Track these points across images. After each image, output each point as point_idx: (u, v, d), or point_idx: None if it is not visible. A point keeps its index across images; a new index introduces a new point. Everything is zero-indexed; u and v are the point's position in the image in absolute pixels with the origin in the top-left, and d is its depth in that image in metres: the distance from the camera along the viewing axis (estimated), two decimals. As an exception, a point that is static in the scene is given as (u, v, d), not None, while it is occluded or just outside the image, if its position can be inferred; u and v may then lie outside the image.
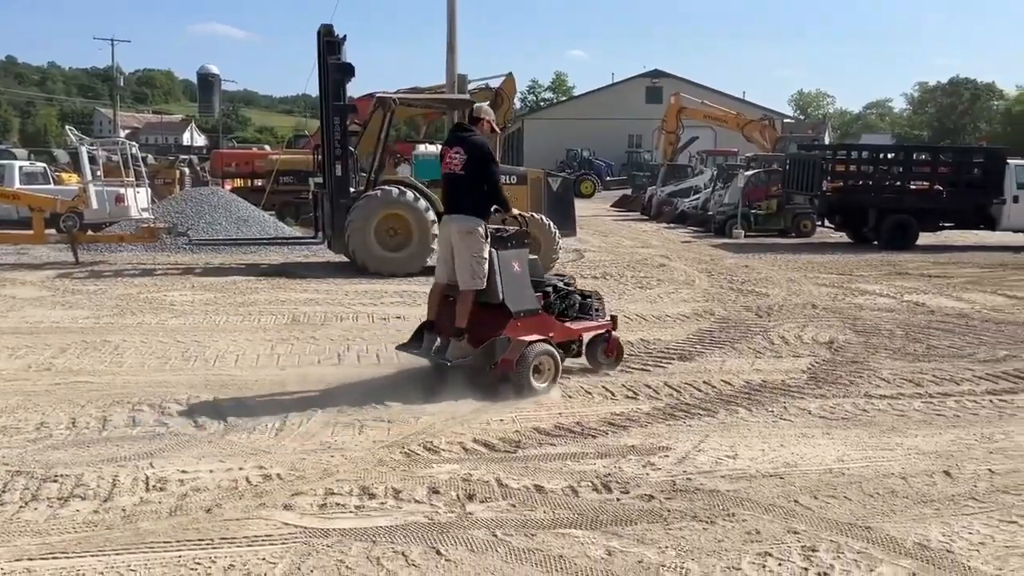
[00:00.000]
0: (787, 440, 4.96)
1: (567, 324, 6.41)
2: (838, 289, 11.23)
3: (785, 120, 47.53)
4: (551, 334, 6.09)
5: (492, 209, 6.23)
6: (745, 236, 18.94)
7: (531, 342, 5.81)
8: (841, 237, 18.86)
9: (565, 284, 6.70)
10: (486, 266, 5.98)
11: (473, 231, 5.97)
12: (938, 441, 4.99)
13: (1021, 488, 4.21)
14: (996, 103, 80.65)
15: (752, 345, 7.67)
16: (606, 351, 6.60)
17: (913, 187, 17.92)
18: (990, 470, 4.47)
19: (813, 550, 3.49)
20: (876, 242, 17.22)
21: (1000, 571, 3.32)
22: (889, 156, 19.56)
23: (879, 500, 4.05)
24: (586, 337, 6.56)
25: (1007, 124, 72.88)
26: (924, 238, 17.48)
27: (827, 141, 33.70)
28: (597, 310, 6.70)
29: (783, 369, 6.76)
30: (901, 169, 18.31)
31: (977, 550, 3.51)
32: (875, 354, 7.35)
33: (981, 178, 17.69)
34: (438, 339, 6.14)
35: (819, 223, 19.53)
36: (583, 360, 6.61)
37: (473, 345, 5.90)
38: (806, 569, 3.32)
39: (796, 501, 4.03)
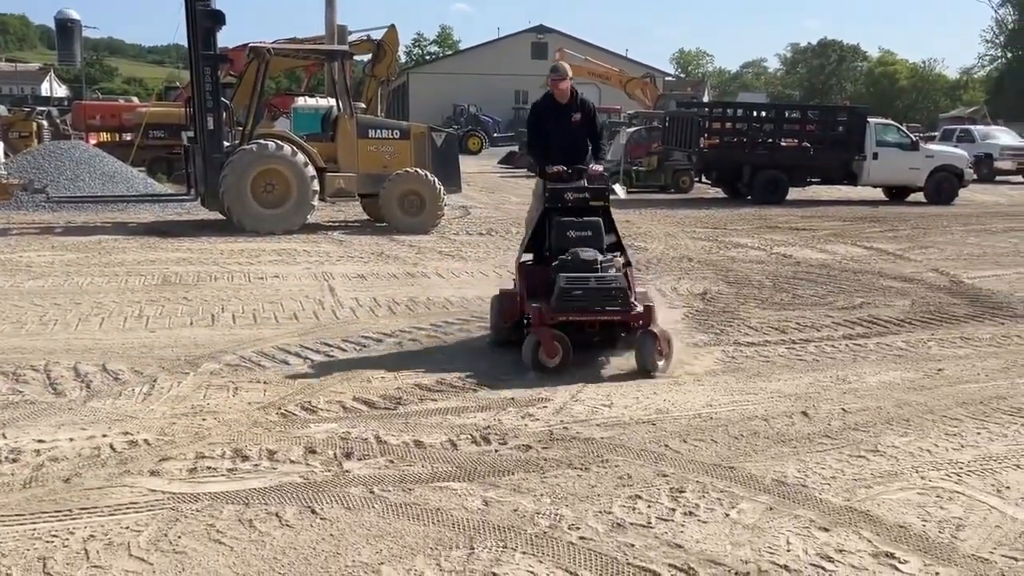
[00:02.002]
0: (660, 388, 5.14)
1: None
2: (713, 243, 11.66)
3: (666, 78, 48.53)
4: None
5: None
6: (627, 192, 19.34)
7: None
8: (717, 193, 19.55)
9: None
10: None
11: None
12: (798, 384, 5.29)
13: (869, 425, 4.52)
14: (860, 64, 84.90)
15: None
16: None
17: (784, 144, 18.72)
18: (843, 409, 4.77)
19: (680, 491, 3.64)
20: (749, 197, 17.95)
21: (848, 501, 3.56)
22: (762, 115, 20.32)
23: (743, 441, 4.27)
24: None
25: (870, 85, 77.04)
26: (793, 193, 18.33)
27: (706, 99, 34.65)
28: None
29: (659, 320, 6.96)
30: (773, 127, 19.07)
31: (829, 484, 3.75)
32: (744, 304, 7.69)
33: (845, 136, 18.64)
34: None
35: (697, 179, 20.16)
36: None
37: None
38: (673, 509, 3.47)
39: (666, 445, 4.19)
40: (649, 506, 3.50)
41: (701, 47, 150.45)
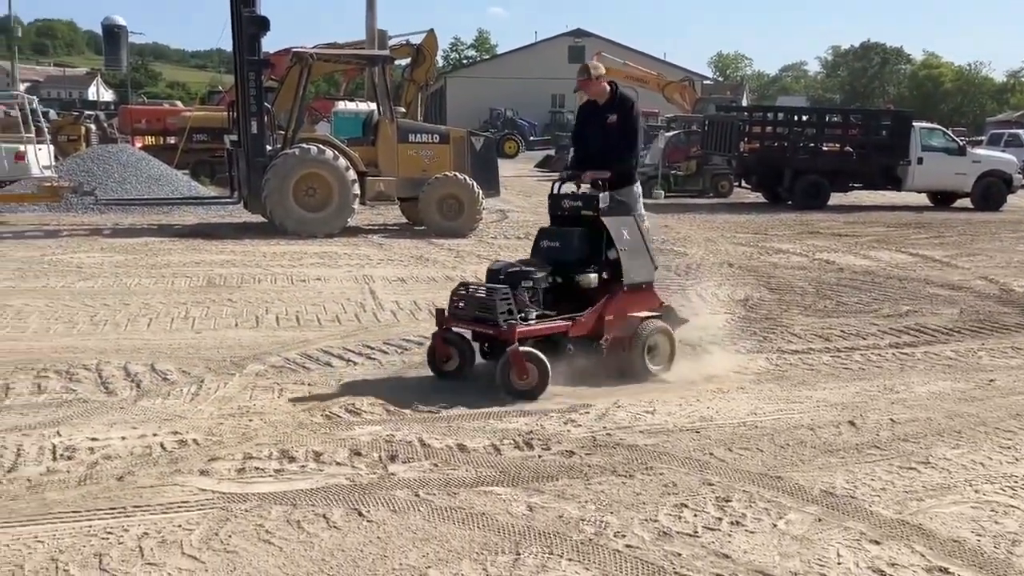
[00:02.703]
0: (703, 395, 5.10)
1: None
2: (753, 248, 11.54)
3: (705, 82, 48.21)
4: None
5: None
6: (665, 196, 19.25)
7: None
8: (757, 197, 19.37)
9: None
10: None
11: None
12: (844, 393, 5.21)
13: (920, 436, 4.44)
14: (904, 67, 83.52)
15: (671, 303, 7.80)
16: None
17: (825, 149, 18.49)
18: (891, 420, 4.69)
19: (727, 500, 3.61)
20: (790, 202, 17.76)
21: (900, 514, 3.50)
22: (803, 118, 20.09)
23: (789, 451, 4.21)
24: None
25: (913, 88, 75.73)
26: (835, 198, 18.10)
27: (745, 103, 34.34)
28: None
29: (700, 326, 6.86)
30: (814, 131, 18.84)
31: (879, 496, 3.68)
32: (787, 311, 7.60)
33: (888, 140, 18.36)
34: None
35: (736, 184, 19.99)
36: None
37: None
38: (719, 519, 3.43)
39: (711, 454, 4.15)
40: (695, 515, 3.47)
41: (739, 50, 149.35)
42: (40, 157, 13.80)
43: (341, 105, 21.23)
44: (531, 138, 44.09)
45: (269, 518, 3.37)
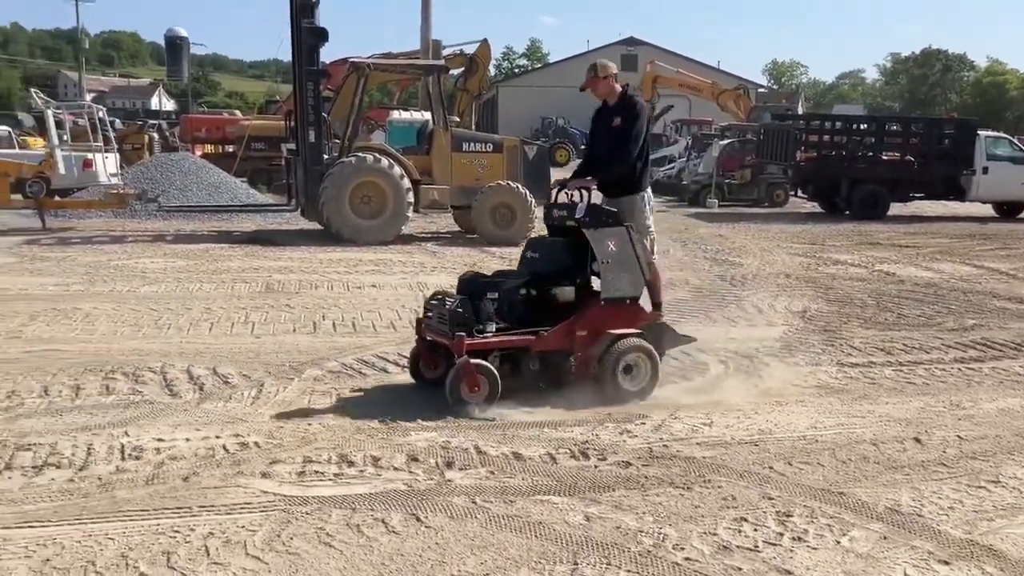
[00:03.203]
0: (761, 408, 5.03)
1: None
2: (810, 259, 11.34)
3: (759, 90, 47.56)
4: None
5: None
6: (719, 206, 19.05)
7: None
8: (813, 207, 19.02)
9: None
10: None
11: None
12: (908, 408, 5.09)
13: (989, 454, 4.31)
14: (967, 74, 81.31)
15: (726, 314, 7.74)
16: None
17: (885, 158, 18.08)
18: (959, 436, 4.56)
19: (788, 515, 3.55)
20: (848, 212, 17.40)
21: (969, 534, 3.40)
22: (861, 127, 19.68)
23: (851, 466, 4.13)
24: None
25: (977, 96, 73.64)
26: (895, 208, 17.69)
27: (800, 111, 33.81)
28: None
29: (757, 338, 6.83)
30: (873, 140, 18.44)
31: (946, 514, 3.59)
32: (847, 323, 7.45)
33: (952, 149, 17.88)
34: None
35: (792, 193, 19.68)
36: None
37: None
38: (781, 534, 3.38)
39: (771, 467, 4.09)
40: (755, 529, 3.42)
41: (795, 58, 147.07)
42: (107, 165, 14.22)
43: (396, 114, 21.53)
44: (582, 146, 44.00)
45: (329, 521, 3.42)
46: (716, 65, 53.58)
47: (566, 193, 5.52)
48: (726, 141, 22.12)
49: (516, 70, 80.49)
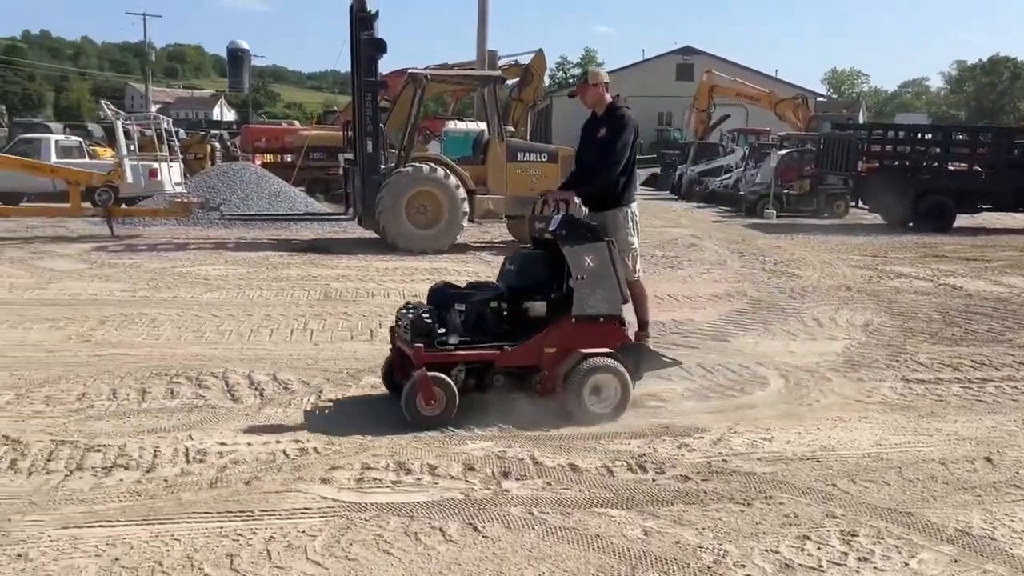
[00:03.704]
0: (823, 424, 4.92)
1: None
2: (873, 271, 11.08)
3: (818, 99, 46.78)
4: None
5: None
6: (777, 216, 18.75)
7: None
8: (875, 218, 18.58)
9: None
10: None
11: None
12: (978, 427, 4.92)
13: (1065, 476, 4.14)
14: (1037, 83, 78.73)
15: (786, 327, 7.60)
16: None
17: (951, 168, 17.58)
18: (1032, 457, 4.40)
19: (852, 535, 3.46)
20: (911, 224, 16.94)
21: (1044, 560, 3.27)
22: (926, 136, 19.17)
23: (919, 485, 4.01)
24: None
25: (1047, 104, 71.19)
26: (961, 220, 17.18)
27: (861, 120, 33.13)
28: None
29: (818, 351, 6.69)
30: (939, 150, 17.95)
31: (1021, 538, 3.46)
32: (912, 338, 7.24)
33: (1022, 159, 17.29)
34: None
35: (853, 204, 19.25)
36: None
37: None
38: (845, 554, 3.29)
39: (834, 485, 3.99)
40: (819, 548, 3.34)
41: (855, 66, 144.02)
42: (172, 174, 14.64)
43: (451, 125, 21.68)
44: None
45: (388, 528, 3.45)
46: (774, 74, 52.90)
47: (548, 204, 5.40)
48: (785, 151, 21.76)
49: (570, 80, 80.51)
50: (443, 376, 4.73)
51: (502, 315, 5.03)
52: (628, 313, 5.36)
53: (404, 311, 5.10)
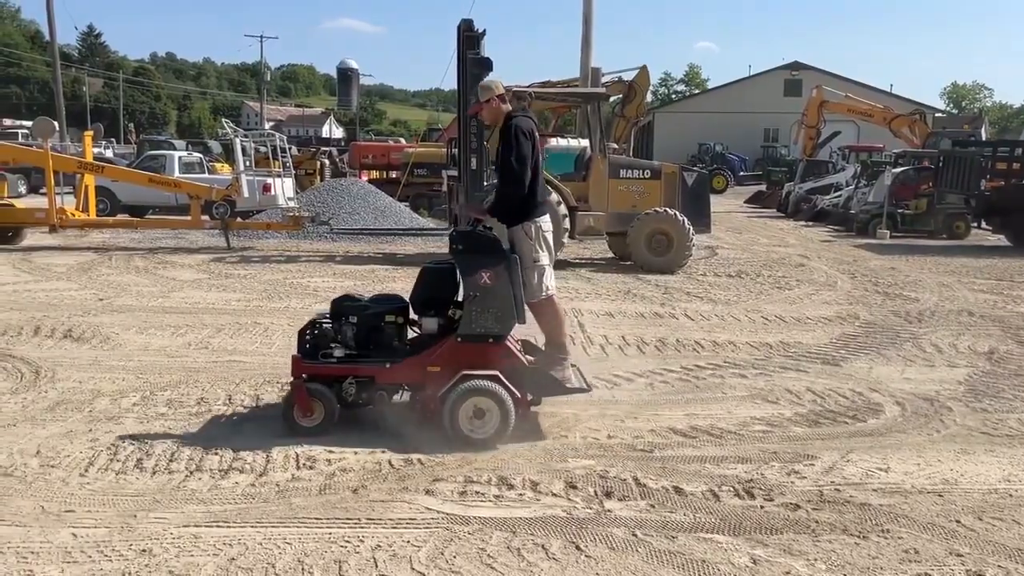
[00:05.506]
0: (944, 456, 4.66)
1: None
2: (997, 295, 10.46)
3: (936, 115, 44.72)
4: None
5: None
6: (890, 236, 17.96)
7: None
8: (999, 240, 17.56)
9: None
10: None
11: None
12: (1120, 466, 4.56)
13: None
14: None
15: (901, 352, 7.26)
16: None
17: (1084, 187, 16.46)
18: None
19: (979, 575, 3.26)
20: (1040, 246, 15.94)
21: None
22: (1057, 153, 18.01)
23: (1053, 526, 3.74)
24: None
25: None
26: (1096, 243, 16.04)
27: (984, 137, 31.48)
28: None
29: (937, 379, 6.36)
30: (1071, 167, 16.84)
31: None
32: (1042, 367, 6.80)
33: None
34: None
35: (975, 224, 18.26)
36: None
37: None
38: (972, 595, 3.11)
39: (958, 521, 3.77)
40: (942, 588, 3.17)
41: (978, 79, 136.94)
42: (284, 189, 15.22)
43: (553, 141, 21.72)
44: (740, 173, 42.94)
45: (490, 543, 3.46)
46: (888, 89, 50.98)
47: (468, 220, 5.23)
48: (900, 169, 20.87)
49: (673, 96, 79.79)
50: (322, 388, 4.76)
51: (402, 329, 4.98)
52: (534, 332, 5.15)
53: (310, 322, 5.10)
